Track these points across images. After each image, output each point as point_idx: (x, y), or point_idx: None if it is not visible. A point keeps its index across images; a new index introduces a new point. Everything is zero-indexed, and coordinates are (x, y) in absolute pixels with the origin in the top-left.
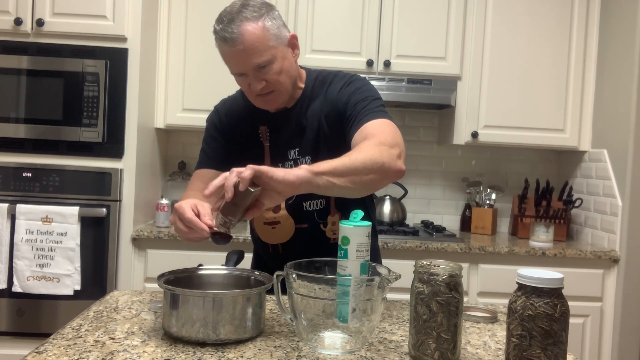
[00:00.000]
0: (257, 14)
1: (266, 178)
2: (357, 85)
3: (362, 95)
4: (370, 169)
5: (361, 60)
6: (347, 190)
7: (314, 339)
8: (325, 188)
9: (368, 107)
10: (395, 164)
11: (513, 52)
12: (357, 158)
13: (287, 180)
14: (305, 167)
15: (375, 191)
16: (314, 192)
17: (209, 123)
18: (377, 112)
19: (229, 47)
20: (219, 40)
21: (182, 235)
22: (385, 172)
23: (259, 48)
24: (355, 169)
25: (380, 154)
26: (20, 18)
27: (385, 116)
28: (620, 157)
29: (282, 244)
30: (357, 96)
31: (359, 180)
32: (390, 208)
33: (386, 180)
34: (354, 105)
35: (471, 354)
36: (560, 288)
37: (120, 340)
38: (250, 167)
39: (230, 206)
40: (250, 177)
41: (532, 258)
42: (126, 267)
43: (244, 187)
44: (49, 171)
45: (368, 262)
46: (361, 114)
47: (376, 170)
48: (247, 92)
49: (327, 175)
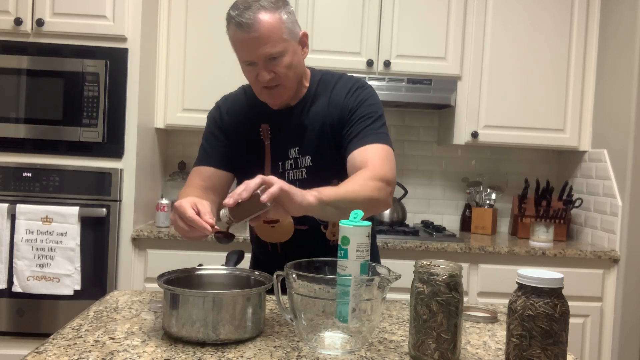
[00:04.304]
0: (274, 6)
1: (286, 199)
2: (364, 96)
3: (368, 110)
4: (367, 206)
5: (361, 60)
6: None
7: (314, 339)
8: (325, 214)
9: (371, 127)
10: (388, 201)
11: (513, 52)
12: (359, 193)
13: (301, 206)
14: (316, 196)
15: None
16: (315, 216)
17: (209, 119)
18: (379, 135)
19: (243, 33)
20: (233, 26)
21: (183, 233)
22: (378, 208)
23: (272, 38)
24: (354, 203)
25: (378, 193)
26: (20, 18)
27: (386, 141)
28: (620, 157)
29: (280, 244)
30: (362, 110)
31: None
32: (390, 208)
33: (374, 213)
34: (358, 120)
35: (471, 354)
36: (560, 288)
37: (120, 340)
38: (279, 185)
39: (238, 209)
40: (277, 194)
41: (532, 258)
42: (126, 267)
43: (267, 199)
44: (49, 171)
45: (368, 262)
46: (363, 133)
47: (371, 206)
48: (253, 83)
49: (332, 206)
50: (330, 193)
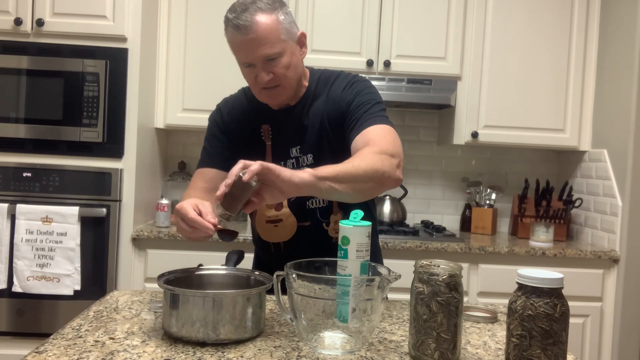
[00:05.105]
0: (271, 7)
1: (273, 176)
2: (360, 87)
3: (365, 98)
4: (371, 178)
5: (361, 60)
6: (346, 196)
7: (314, 339)
8: (326, 192)
9: (370, 111)
10: (395, 173)
11: (513, 52)
12: (360, 166)
13: (292, 181)
14: (310, 171)
15: (372, 197)
16: (316, 195)
17: (211, 121)
18: (379, 117)
19: (241, 35)
20: (231, 29)
21: (186, 235)
22: (385, 181)
23: (270, 39)
24: (357, 177)
25: (381, 163)
26: (20, 18)
27: (386, 122)
28: (620, 157)
29: (284, 243)
30: (360, 99)
31: (358, 188)
32: (390, 208)
33: (384, 188)
34: (356, 108)
35: (471, 354)
36: (560, 288)
37: (120, 340)
38: (260, 162)
39: (229, 199)
40: (258, 171)
41: (532, 258)
42: (126, 267)
43: (248, 178)
44: (49, 171)
45: (368, 262)
46: (363, 118)
47: (376, 179)
48: (252, 84)
49: (330, 181)
50: (328, 169)
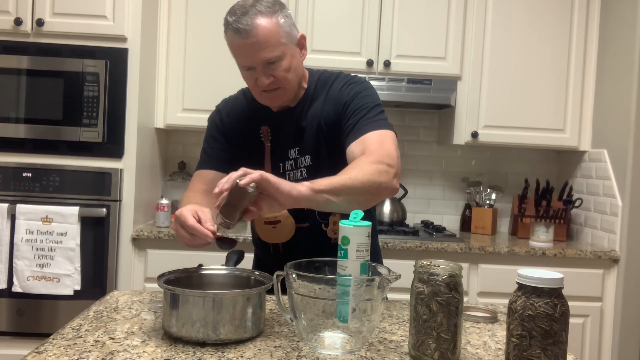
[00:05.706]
0: (271, 10)
1: (272, 188)
2: (358, 88)
3: (363, 101)
4: (368, 190)
5: (361, 60)
6: (343, 208)
7: (314, 339)
8: (323, 205)
9: (367, 116)
10: (391, 183)
11: (513, 52)
12: (357, 178)
13: (291, 195)
14: (307, 185)
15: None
16: (313, 207)
17: (210, 123)
18: (376, 122)
19: (241, 39)
20: (231, 32)
21: (185, 242)
22: (381, 192)
23: (270, 42)
24: (354, 189)
25: (378, 174)
26: (20, 18)
27: (384, 125)
28: (620, 157)
29: (282, 244)
30: (357, 101)
31: (355, 200)
32: (390, 208)
33: (380, 198)
34: (353, 112)
35: (471, 354)
36: (560, 288)
37: (120, 340)
38: (260, 172)
39: (228, 207)
40: (256, 179)
41: (532, 258)
42: (126, 267)
43: (246, 183)
44: (49, 171)
45: (368, 262)
46: (360, 123)
47: (373, 190)
48: (253, 87)
49: (327, 194)
50: (325, 181)
